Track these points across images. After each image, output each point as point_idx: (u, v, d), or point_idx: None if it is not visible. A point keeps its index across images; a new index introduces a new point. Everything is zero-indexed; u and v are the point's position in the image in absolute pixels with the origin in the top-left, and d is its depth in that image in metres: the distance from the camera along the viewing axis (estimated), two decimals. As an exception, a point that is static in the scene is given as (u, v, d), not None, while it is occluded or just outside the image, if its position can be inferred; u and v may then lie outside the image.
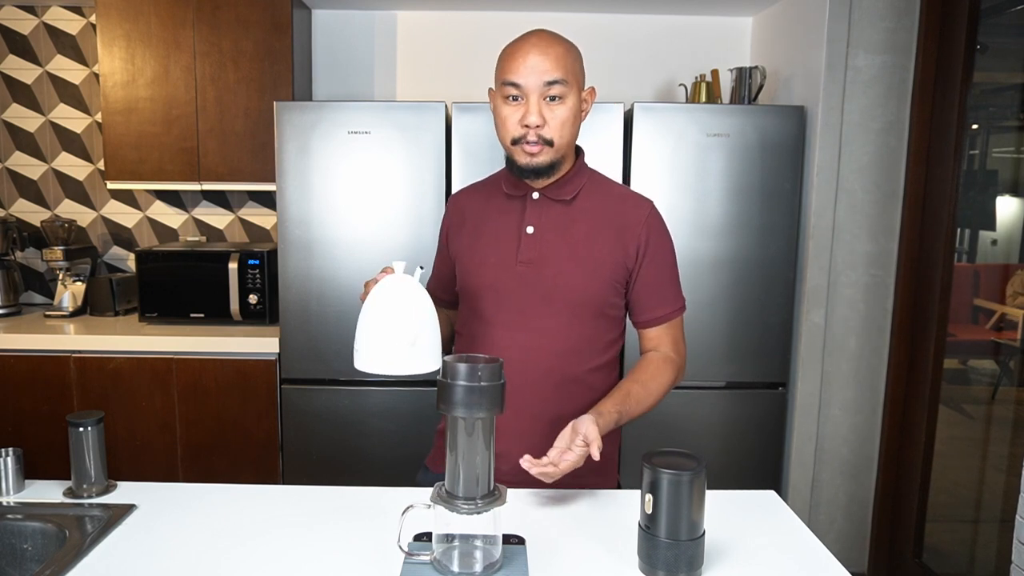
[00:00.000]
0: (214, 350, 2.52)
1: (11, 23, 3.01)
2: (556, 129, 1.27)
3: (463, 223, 1.44)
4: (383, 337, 1.10)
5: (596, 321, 1.34)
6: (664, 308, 1.37)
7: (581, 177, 1.37)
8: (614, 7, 2.93)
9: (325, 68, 3.03)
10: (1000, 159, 2.48)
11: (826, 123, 2.45)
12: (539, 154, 1.28)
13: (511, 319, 1.34)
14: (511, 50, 1.28)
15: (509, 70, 1.27)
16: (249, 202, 3.10)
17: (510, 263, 1.34)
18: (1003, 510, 2.28)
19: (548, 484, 1.31)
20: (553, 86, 1.25)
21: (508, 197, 1.38)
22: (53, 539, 1.14)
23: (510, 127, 1.28)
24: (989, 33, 2.33)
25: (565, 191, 1.35)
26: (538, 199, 1.35)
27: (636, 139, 2.42)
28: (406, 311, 1.11)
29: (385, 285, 1.13)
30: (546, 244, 1.33)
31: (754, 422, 2.55)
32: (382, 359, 1.10)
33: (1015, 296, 2.38)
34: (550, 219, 1.34)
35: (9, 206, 3.12)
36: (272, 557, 1.06)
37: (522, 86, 1.25)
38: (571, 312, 1.32)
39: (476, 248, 1.38)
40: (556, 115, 1.26)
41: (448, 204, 1.51)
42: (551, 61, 1.24)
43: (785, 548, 1.11)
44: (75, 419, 1.21)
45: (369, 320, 1.12)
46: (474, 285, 1.37)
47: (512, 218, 1.36)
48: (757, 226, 2.45)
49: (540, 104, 1.25)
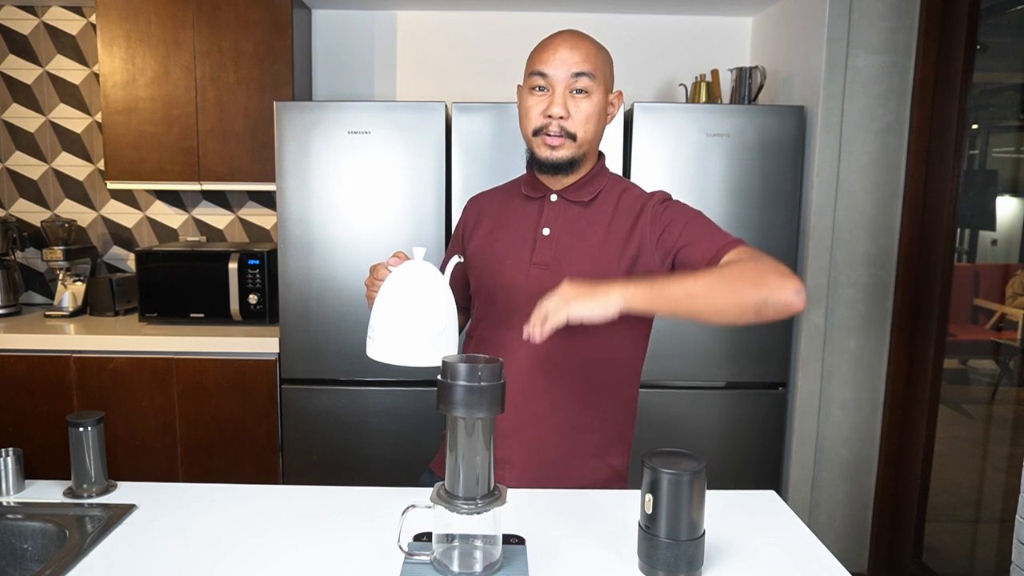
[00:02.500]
0: (214, 350, 2.52)
1: (11, 23, 3.01)
2: (580, 123, 1.26)
3: (479, 223, 1.42)
4: (409, 326, 1.06)
5: (610, 327, 1.27)
6: (721, 239, 1.21)
7: (601, 180, 1.34)
8: (614, 7, 2.93)
9: (325, 68, 3.03)
10: (1000, 159, 2.48)
11: (826, 123, 2.45)
12: (560, 147, 1.26)
13: (519, 322, 1.28)
14: (543, 44, 1.29)
15: (538, 60, 1.26)
16: (249, 202, 3.10)
17: (524, 265, 1.31)
18: (1003, 510, 2.28)
19: (553, 484, 1.31)
20: (580, 78, 1.24)
21: (527, 199, 1.36)
22: (53, 539, 1.14)
23: (533, 116, 1.27)
24: (989, 33, 2.33)
25: (584, 192, 1.32)
26: (556, 201, 1.33)
27: (636, 139, 2.42)
28: (436, 300, 1.07)
29: (411, 272, 1.09)
30: (562, 247, 1.30)
31: (754, 422, 2.55)
32: (406, 350, 1.07)
33: (1015, 296, 2.38)
34: (567, 221, 1.31)
35: (9, 206, 3.12)
36: (272, 557, 1.06)
37: (549, 76, 1.25)
38: None
39: (492, 250, 1.36)
40: (581, 109, 1.25)
41: (467, 204, 1.49)
42: (580, 54, 1.25)
43: (785, 548, 1.11)
44: (75, 419, 1.21)
45: (393, 307, 1.07)
46: (488, 286, 1.35)
47: (529, 220, 1.34)
48: (757, 226, 2.45)
49: (565, 96, 1.25)
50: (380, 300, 1.10)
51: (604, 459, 1.36)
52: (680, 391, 2.52)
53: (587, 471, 1.34)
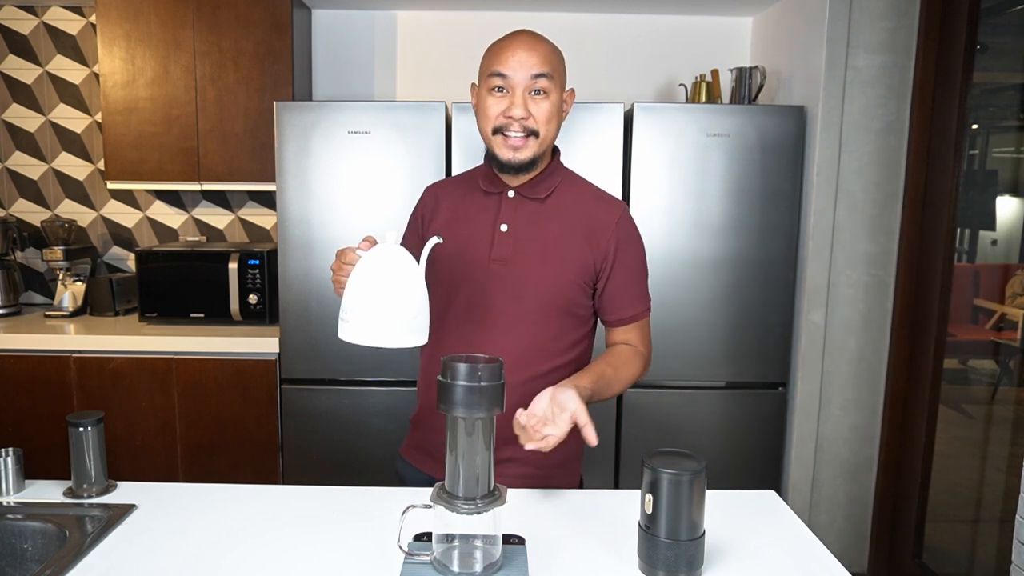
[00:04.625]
0: (214, 350, 2.52)
1: (11, 23, 3.01)
2: (543, 122, 1.30)
3: (436, 212, 1.44)
4: (384, 309, 1.07)
5: (563, 319, 1.36)
6: (634, 308, 1.39)
7: (556, 176, 1.39)
8: (614, 7, 2.93)
9: (325, 68, 3.03)
10: (1000, 159, 2.48)
11: (826, 123, 2.45)
12: (523, 148, 1.30)
13: (482, 316, 1.34)
14: (499, 45, 1.32)
15: (496, 62, 1.30)
16: (249, 202, 3.10)
17: (484, 260, 1.35)
18: (1003, 510, 2.28)
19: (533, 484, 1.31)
20: (539, 79, 1.28)
21: (485, 194, 1.40)
22: (53, 539, 1.14)
23: (492, 116, 1.31)
24: (989, 33, 2.33)
25: (539, 189, 1.37)
26: (513, 197, 1.37)
27: (636, 139, 2.42)
28: (410, 283, 1.09)
29: (385, 255, 1.10)
30: (519, 242, 1.34)
31: (754, 422, 2.55)
32: (380, 332, 1.08)
33: (1015, 296, 2.38)
34: (524, 217, 1.36)
35: (9, 206, 3.12)
36: (272, 557, 1.06)
37: (509, 77, 1.28)
38: (539, 310, 1.33)
39: (451, 243, 1.38)
40: (540, 109, 1.29)
41: (424, 192, 1.50)
42: (538, 56, 1.29)
43: (785, 548, 1.11)
44: (75, 419, 1.21)
45: (368, 290, 1.08)
46: (447, 281, 1.37)
47: (487, 215, 1.38)
48: (757, 226, 2.45)
49: (525, 97, 1.29)
50: (353, 282, 1.11)
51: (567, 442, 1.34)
52: (680, 391, 2.52)
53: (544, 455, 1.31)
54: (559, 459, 1.34)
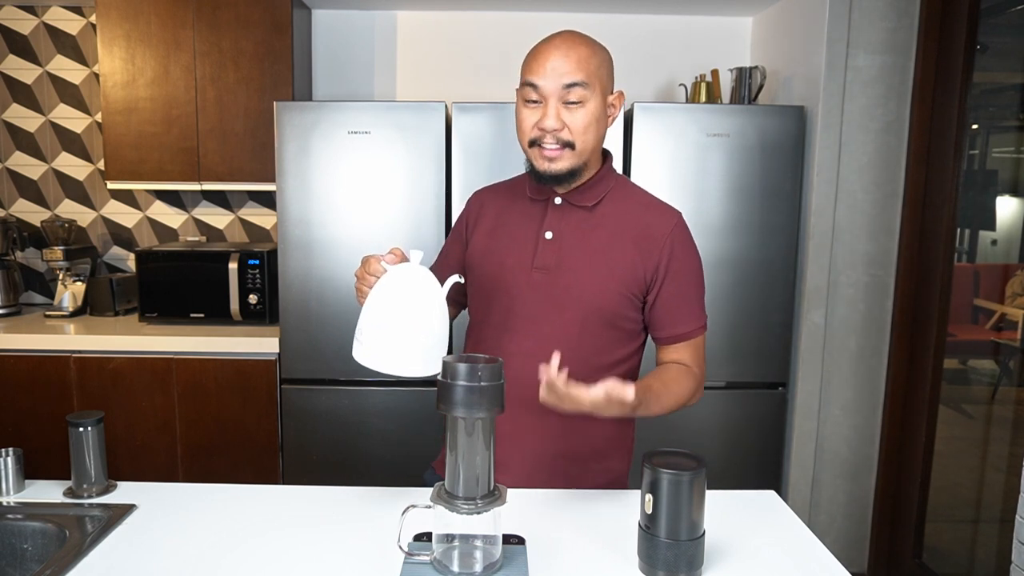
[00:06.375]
0: (214, 350, 2.52)
1: (11, 23, 3.01)
2: (579, 133, 1.23)
3: (481, 219, 1.40)
4: (401, 335, 1.05)
5: (608, 332, 1.29)
6: (686, 325, 1.33)
7: (606, 183, 1.32)
8: (614, 7, 2.93)
9: (325, 68, 3.03)
10: (1000, 159, 2.49)
11: (826, 123, 2.45)
12: (558, 159, 1.24)
13: (521, 325, 1.30)
14: (535, 50, 1.25)
15: (529, 70, 1.24)
16: (249, 202, 3.10)
17: (526, 268, 1.30)
18: (1003, 510, 2.28)
19: (550, 483, 1.31)
20: (572, 89, 1.21)
21: (531, 200, 1.35)
22: (53, 539, 1.14)
23: (527, 129, 1.25)
24: (989, 33, 2.33)
25: (587, 197, 1.30)
26: (560, 204, 1.31)
27: (636, 139, 2.42)
28: (430, 311, 1.06)
29: (407, 277, 1.07)
30: (564, 251, 1.29)
31: (754, 422, 2.55)
32: (395, 358, 1.06)
33: (1015, 296, 2.38)
34: (570, 225, 1.30)
35: (9, 206, 3.12)
36: (272, 557, 1.06)
37: (540, 88, 1.22)
38: (582, 321, 1.27)
39: (491, 248, 1.35)
40: (575, 119, 1.22)
41: (471, 197, 1.47)
42: (572, 63, 1.21)
43: (785, 548, 1.11)
44: (75, 419, 1.21)
45: (386, 313, 1.05)
46: (488, 288, 1.34)
47: (532, 222, 1.32)
48: (757, 226, 2.45)
49: (558, 107, 1.22)
50: (372, 302, 1.08)
51: (603, 463, 1.36)
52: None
53: (587, 475, 1.34)
54: (602, 482, 1.35)
